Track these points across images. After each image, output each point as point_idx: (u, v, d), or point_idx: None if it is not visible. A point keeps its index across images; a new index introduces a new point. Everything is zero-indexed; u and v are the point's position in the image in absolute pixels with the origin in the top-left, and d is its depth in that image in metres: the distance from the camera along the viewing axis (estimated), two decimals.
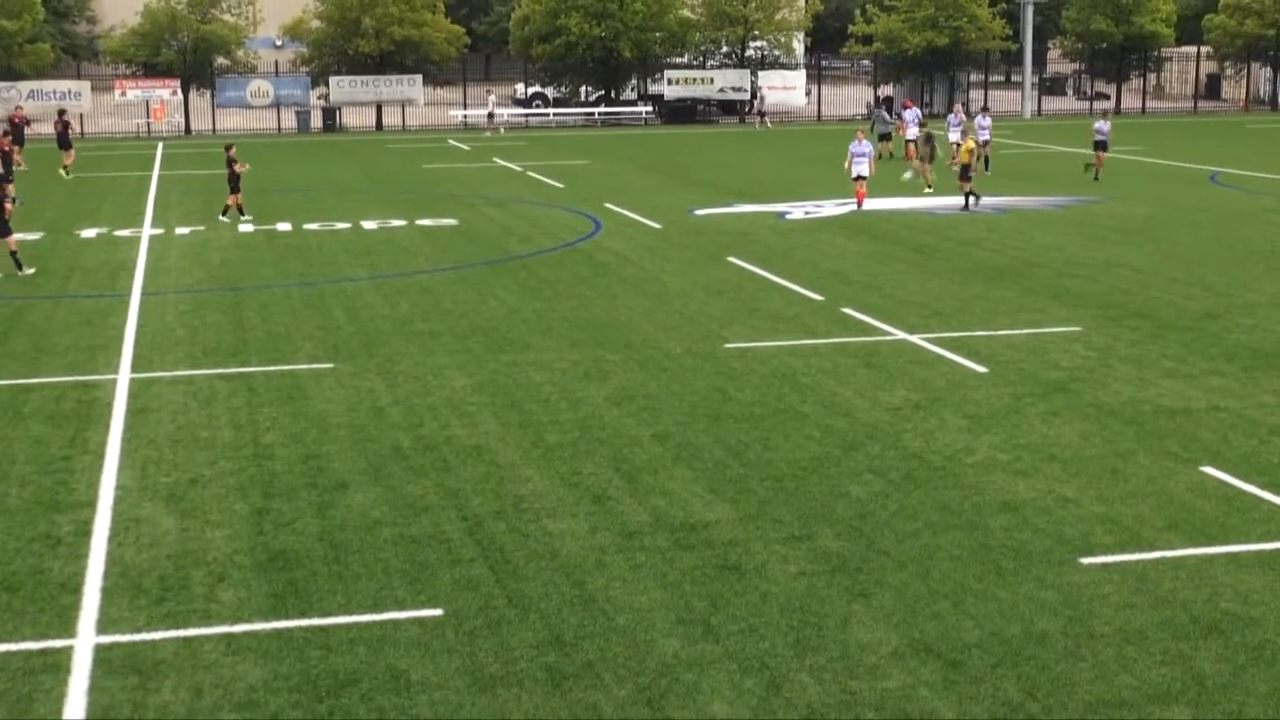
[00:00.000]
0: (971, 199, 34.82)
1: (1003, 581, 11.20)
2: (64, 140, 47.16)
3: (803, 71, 75.25)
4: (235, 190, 33.60)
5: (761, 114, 68.60)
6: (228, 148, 34.27)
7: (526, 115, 73.10)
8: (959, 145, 39.25)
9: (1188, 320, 21.04)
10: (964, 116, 44.37)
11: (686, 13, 72.72)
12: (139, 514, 12.95)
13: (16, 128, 47.70)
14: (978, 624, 10.39)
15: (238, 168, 33.40)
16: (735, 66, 73.03)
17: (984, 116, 44.40)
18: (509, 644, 10.12)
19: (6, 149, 37.53)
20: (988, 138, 43.01)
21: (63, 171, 44.85)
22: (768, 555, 11.78)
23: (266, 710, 9.22)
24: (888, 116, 50.49)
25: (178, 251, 29.02)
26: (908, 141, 44.25)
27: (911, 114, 45.33)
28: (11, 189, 31.88)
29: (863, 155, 34.67)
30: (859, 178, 34.51)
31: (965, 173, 34.87)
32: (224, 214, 33.74)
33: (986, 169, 42.12)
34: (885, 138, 48.12)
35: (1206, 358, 18.67)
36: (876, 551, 11.85)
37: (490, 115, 66.60)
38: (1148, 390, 17.01)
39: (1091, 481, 13.63)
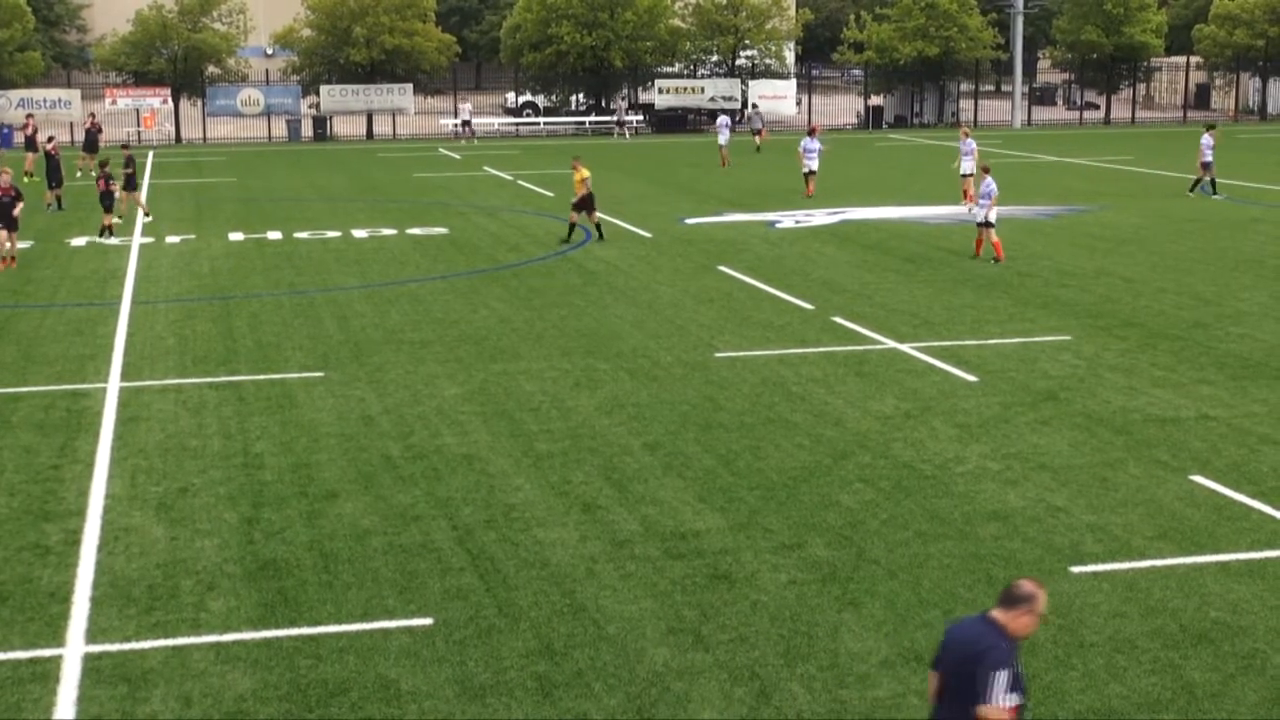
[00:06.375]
0: (572, 230, 31.11)
1: (993, 590, 11.19)
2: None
3: (793, 81, 75.35)
4: (109, 209, 32.57)
5: (621, 123, 68.57)
6: (104, 164, 33.54)
7: (517, 124, 73.15)
8: (969, 175, 36.87)
9: (1177, 329, 21.09)
10: (974, 143, 37.23)
11: (677, 22, 72.81)
12: (128, 523, 12.93)
13: (90, 136, 48.41)
14: None
15: (112, 186, 32.65)
16: (726, 76, 73.11)
17: (1209, 135, 38.94)
18: (499, 653, 10.11)
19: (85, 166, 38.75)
20: (1210, 159, 38.44)
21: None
22: (758, 564, 11.78)
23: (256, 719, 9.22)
24: (761, 115, 61.55)
25: (168, 260, 28.98)
26: (807, 174, 39.72)
27: (813, 143, 39.92)
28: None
29: (988, 195, 27.52)
30: (988, 224, 27.55)
31: (579, 204, 30.82)
32: (102, 235, 32.33)
33: (1215, 190, 38.50)
34: (756, 132, 58.69)
35: (1196, 367, 18.71)
36: (867, 560, 11.85)
37: (466, 124, 66.83)
38: (1137, 399, 17.04)
39: (1081, 490, 13.65)
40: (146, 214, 35.93)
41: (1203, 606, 10.86)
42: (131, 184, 35.55)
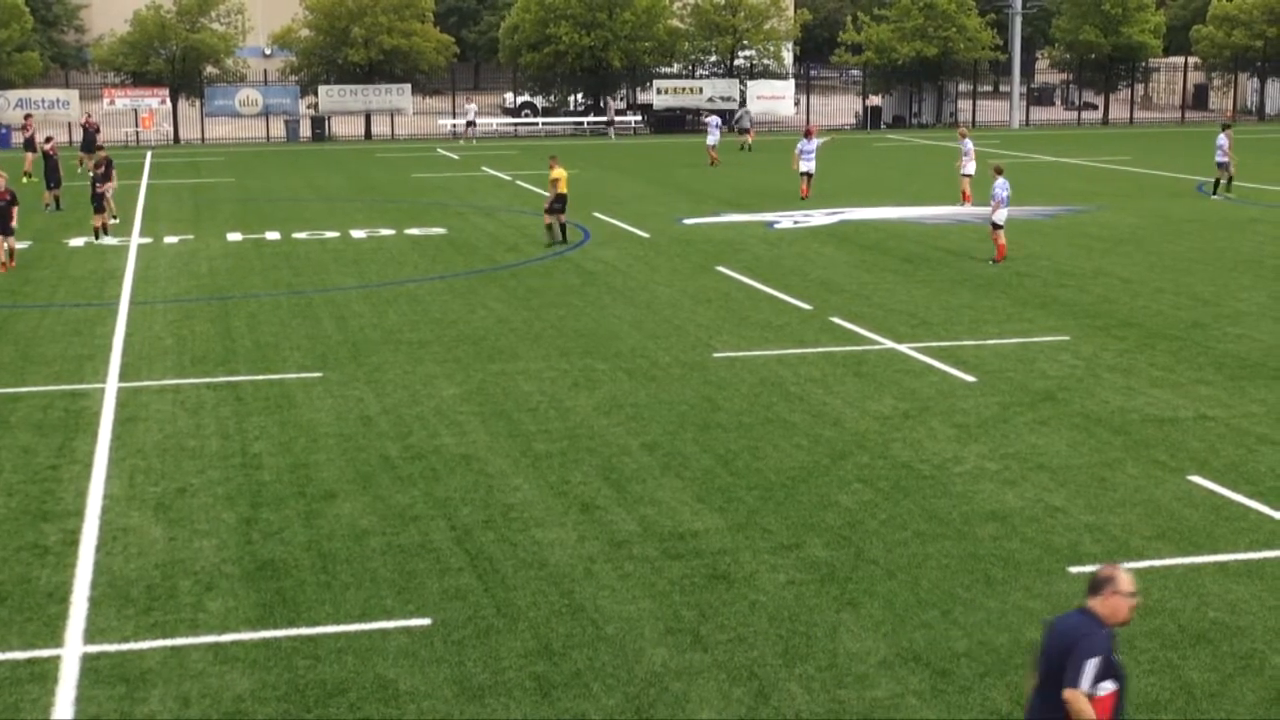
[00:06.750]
0: (558, 231, 30.42)
1: (991, 591, 11.21)
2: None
3: (791, 81, 75.39)
4: (100, 209, 32.33)
5: (610, 123, 68.63)
6: (97, 165, 33.21)
7: (515, 124, 73.14)
8: (968, 177, 36.29)
9: (1175, 329, 21.09)
10: (972, 143, 37.02)
11: (676, 22, 72.81)
12: (127, 523, 12.93)
13: (88, 134, 48.45)
14: (966, 633, 10.40)
15: (99, 188, 32.37)
16: (724, 76, 73.12)
17: (1224, 135, 38.59)
18: (497, 653, 10.11)
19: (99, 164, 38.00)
20: (1225, 159, 38.15)
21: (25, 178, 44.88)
22: (756, 564, 11.79)
23: None
24: (749, 115, 63.94)
25: (166, 260, 28.98)
26: (804, 175, 39.20)
27: (810, 144, 39.32)
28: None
29: (994, 196, 27.39)
30: (994, 225, 27.56)
31: (553, 205, 30.39)
32: (97, 236, 32.10)
33: (1215, 192, 38.58)
34: (744, 131, 60.32)
35: (1194, 367, 18.72)
36: (865, 561, 11.86)
37: (471, 123, 66.95)
38: (1135, 399, 17.04)
39: (1080, 490, 13.66)
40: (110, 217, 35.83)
41: (1201, 607, 10.87)
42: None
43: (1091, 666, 6.76)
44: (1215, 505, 13.23)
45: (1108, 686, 6.82)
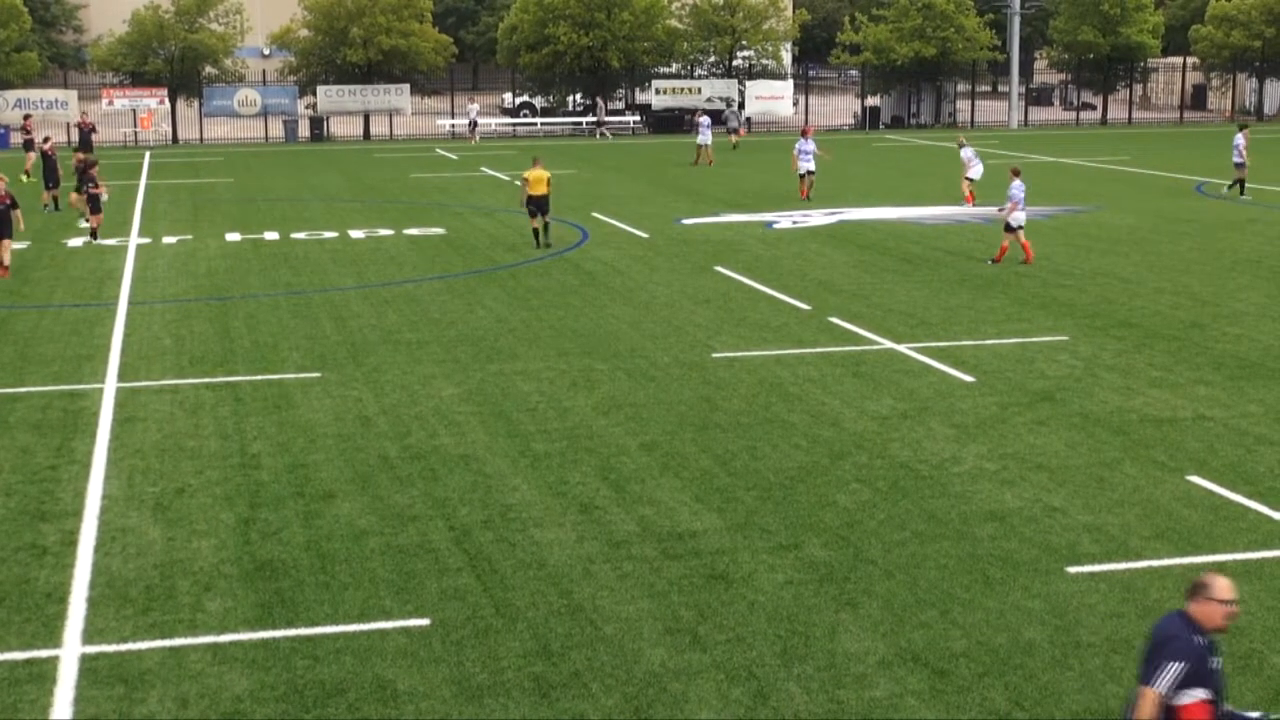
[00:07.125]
0: (543, 234, 29.98)
1: (990, 590, 11.21)
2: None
3: (790, 81, 75.39)
4: (96, 210, 32.14)
5: (600, 123, 68.63)
6: (90, 165, 32.98)
7: (514, 124, 73.14)
8: (971, 180, 36.26)
9: (1174, 329, 21.10)
10: (971, 150, 36.96)
11: (674, 22, 72.79)
12: (125, 524, 12.92)
13: (84, 134, 48.58)
14: (965, 633, 10.40)
15: (94, 189, 32.13)
16: (723, 76, 73.12)
17: (1241, 135, 38.63)
18: (496, 653, 10.11)
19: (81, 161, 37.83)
20: (1241, 159, 38.09)
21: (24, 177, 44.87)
22: (755, 564, 11.79)
23: None
24: (737, 114, 64.64)
25: (165, 261, 28.97)
26: (803, 175, 39.14)
27: (808, 145, 39.06)
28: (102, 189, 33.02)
29: (1009, 198, 27.16)
30: (1018, 227, 27.20)
31: (527, 208, 29.93)
32: (94, 236, 32.03)
33: (1228, 191, 38.94)
34: (733, 131, 60.10)
35: (1193, 367, 18.72)
36: (864, 561, 11.86)
37: (474, 124, 66.94)
38: (1134, 399, 17.05)
39: (1078, 491, 13.66)
40: (85, 219, 35.77)
41: None
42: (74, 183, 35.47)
43: (1173, 669, 6.58)
44: (1214, 505, 13.23)
45: (1198, 694, 6.59)
